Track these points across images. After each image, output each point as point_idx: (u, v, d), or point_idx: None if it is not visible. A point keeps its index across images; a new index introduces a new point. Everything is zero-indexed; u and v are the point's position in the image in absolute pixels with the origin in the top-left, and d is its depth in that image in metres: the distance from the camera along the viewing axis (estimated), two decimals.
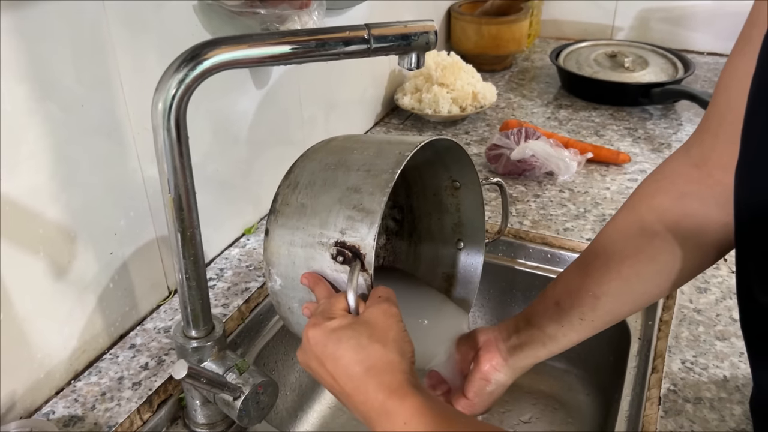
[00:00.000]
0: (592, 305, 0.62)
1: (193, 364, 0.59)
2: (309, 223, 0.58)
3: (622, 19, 1.77)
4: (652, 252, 0.59)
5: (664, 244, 0.59)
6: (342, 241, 0.56)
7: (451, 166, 0.70)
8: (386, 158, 0.58)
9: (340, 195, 0.57)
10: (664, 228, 0.59)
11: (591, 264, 0.63)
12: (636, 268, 0.60)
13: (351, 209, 0.56)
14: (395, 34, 0.56)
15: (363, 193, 0.56)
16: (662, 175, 0.61)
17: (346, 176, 0.58)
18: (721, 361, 0.73)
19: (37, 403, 0.68)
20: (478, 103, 1.33)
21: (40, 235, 0.65)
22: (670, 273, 0.60)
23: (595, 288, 0.61)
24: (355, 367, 0.49)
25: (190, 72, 0.51)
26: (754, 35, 0.50)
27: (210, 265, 0.91)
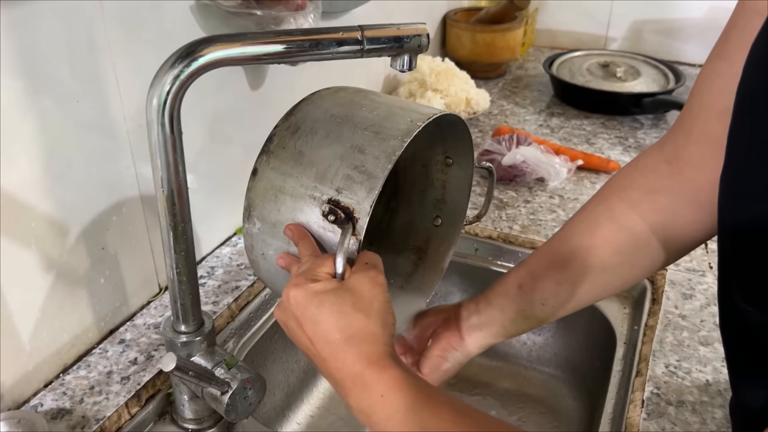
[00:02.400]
0: (554, 291, 0.62)
1: (182, 358, 0.60)
2: (304, 173, 0.56)
3: (615, 30, 1.79)
4: (618, 244, 0.60)
5: (630, 237, 0.59)
6: (336, 200, 0.54)
7: (449, 141, 0.68)
8: (396, 124, 0.56)
9: (342, 151, 0.55)
10: (633, 221, 0.59)
11: (557, 250, 0.63)
12: (600, 258, 0.61)
13: (352, 169, 0.54)
14: (388, 36, 0.57)
15: (367, 155, 0.54)
16: (635, 169, 0.62)
17: (352, 133, 0.56)
18: (704, 366, 0.74)
19: (25, 395, 0.68)
20: (471, 109, 1.35)
21: (32, 229, 0.66)
22: (633, 266, 0.61)
23: (558, 275, 0.62)
24: (336, 334, 0.48)
25: (185, 68, 0.52)
26: (732, 37, 0.52)
27: (201, 263, 0.91)
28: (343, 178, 0.54)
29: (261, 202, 0.59)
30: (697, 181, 0.55)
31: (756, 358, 0.48)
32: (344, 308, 0.49)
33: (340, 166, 0.55)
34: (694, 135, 0.56)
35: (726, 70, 0.52)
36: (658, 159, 0.60)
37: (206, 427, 0.70)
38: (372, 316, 0.49)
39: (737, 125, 0.46)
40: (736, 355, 0.52)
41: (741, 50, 0.46)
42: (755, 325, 0.45)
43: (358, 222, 0.53)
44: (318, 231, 0.55)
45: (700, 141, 0.55)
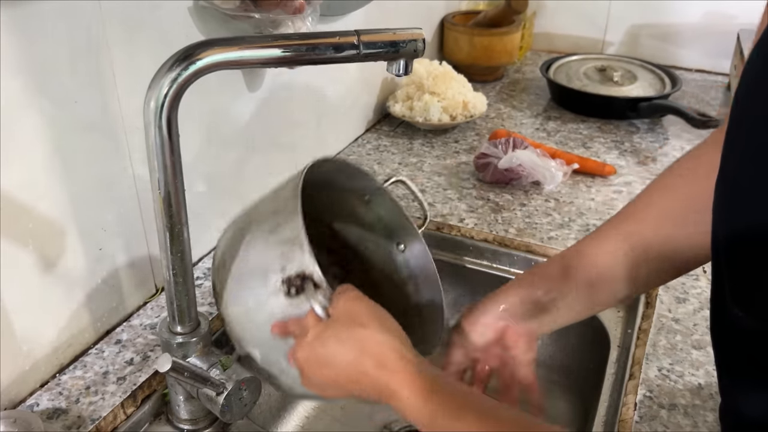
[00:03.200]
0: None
1: (177, 360, 0.60)
2: (253, 285, 0.60)
3: (612, 35, 1.80)
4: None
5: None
6: (287, 277, 0.57)
7: (352, 185, 0.72)
8: (284, 192, 0.61)
9: (263, 244, 0.60)
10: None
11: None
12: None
13: (278, 246, 0.58)
14: (384, 40, 0.58)
15: (281, 227, 0.58)
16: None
17: (259, 226, 0.61)
18: (697, 369, 0.74)
19: (21, 395, 0.69)
20: (468, 112, 1.35)
21: (29, 229, 0.66)
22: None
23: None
24: (349, 359, 0.49)
25: (182, 71, 0.52)
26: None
27: (198, 264, 0.92)
28: (278, 258, 0.58)
29: (244, 333, 0.63)
30: None
31: (748, 364, 0.48)
32: (342, 335, 0.50)
33: (269, 254, 0.59)
34: None
35: None
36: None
37: (202, 428, 0.70)
38: (370, 325, 0.50)
39: (733, 130, 0.46)
40: (727, 360, 0.52)
41: None
42: (747, 331, 0.45)
43: (314, 275, 0.56)
44: (294, 311, 0.58)
45: None
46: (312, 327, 0.53)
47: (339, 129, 1.26)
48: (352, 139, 1.32)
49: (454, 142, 1.33)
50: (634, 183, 1.16)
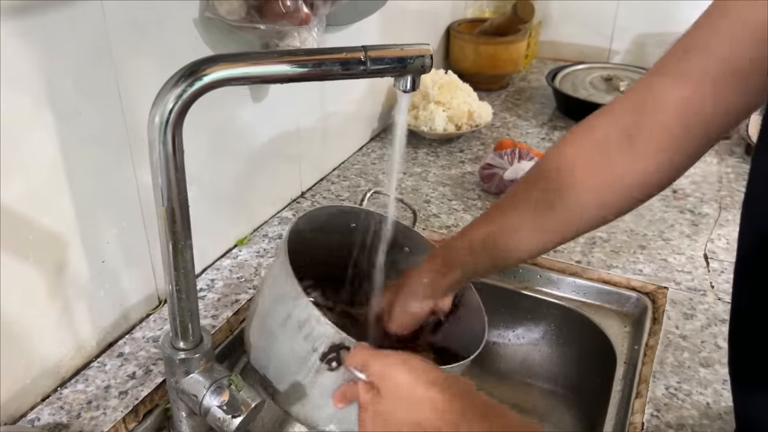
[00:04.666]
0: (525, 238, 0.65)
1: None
2: (297, 373, 0.61)
3: (618, 43, 1.79)
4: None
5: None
6: (321, 355, 0.58)
7: (337, 220, 0.75)
8: (278, 274, 0.62)
9: (285, 334, 0.60)
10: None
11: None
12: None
13: (299, 331, 0.59)
14: (392, 56, 0.57)
15: (293, 313, 0.59)
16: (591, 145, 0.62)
17: (274, 318, 0.62)
18: (705, 388, 0.74)
19: (22, 409, 0.68)
20: (473, 121, 1.35)
21: (30, 242, 0.65)
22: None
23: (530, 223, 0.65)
24: (406, 419, 0.52)
25: (188, 88, 0.52)
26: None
27: (201, 275, 0.91)
28: (304, 341, 0.59)
29: (312, 415, 0.63)
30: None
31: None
32: (391, 406, 0.53)
33: (296, 341, 0.59)
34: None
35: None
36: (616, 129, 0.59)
37: None
38: (411, 386, 0.52)
39: (762, 150, 0.46)
40: (742, 373, 0.52)
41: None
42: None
43: (344, 343, 0.57)
44: (344, 379, 0.59)
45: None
46: (362, 395, 0.55)
47: (344, 138, 1.26)
48: (357, 148, 1.31)
49: (459, 152, 1.32)
50: None
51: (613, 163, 0.59)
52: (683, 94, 0.53)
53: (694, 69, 0.53)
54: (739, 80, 0.50)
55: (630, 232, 1.03)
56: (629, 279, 0.93)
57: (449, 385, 0.51)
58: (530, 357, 0.99)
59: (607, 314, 0.92)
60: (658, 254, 0.98)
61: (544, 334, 0.98)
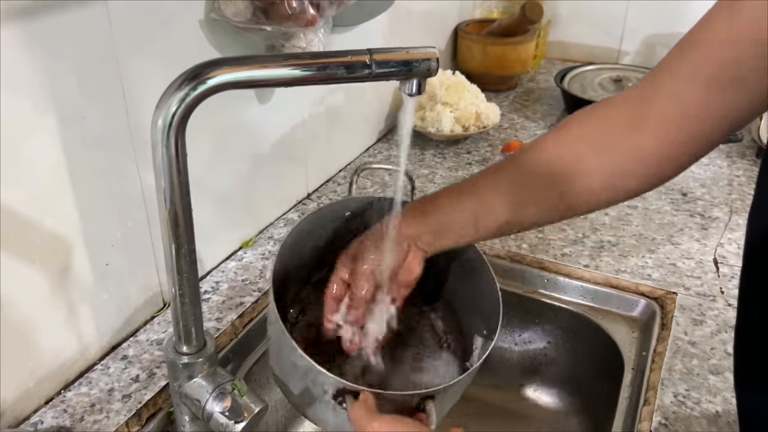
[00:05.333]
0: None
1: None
2: (317, 409, 0.62)
3: (628, 44, 1.78)
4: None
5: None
6: (332, 396, 0.58)
7: (333, 215, 0.73)
8: (272, 327, 0.63)
9: (297, 380, 0.61)
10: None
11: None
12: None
13: (306, 377, 0.59)
14: (397, 60, 0.56)
15: (296, 363, 0.59)
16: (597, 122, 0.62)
17: (283, 366, 0.63)
18: (714, 396, 0.73)
19: (25, 412, 0.68)
20: (481, 123, 1.34)
21: (36, 245, 0.65)
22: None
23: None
24: None
25: (191, 91, 0.51)
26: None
27: (206, 277, 0.91)
28: (314, 386, 0.59)
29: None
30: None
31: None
32: None
33: (308, 385, 0.60)
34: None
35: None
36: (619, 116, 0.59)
37: None
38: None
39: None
40: (746, 372, 0.51)
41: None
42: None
43: (347, 388, 0.57)
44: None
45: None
46: None
47: (350, 139, 1.25)
48: (364, 149, 1.31)
49: (467, 153, 1.31)
50: (649, 197, 1.14)
51: (617, 147, 0.59)
52: (681, 90, 0.54)
53: (692, 66, 0.53)
54: (738, 80, 0.50)
55: (639, 236, 1.02)
56: (638, 284, 0.92)
57: None
58: (537, 362, 0.99)
59: (615, 319, 0.91)
60: (667, 258, 0.97)
61: (551, 339, 0.97)
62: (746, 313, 0.51)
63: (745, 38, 0.49)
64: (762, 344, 0.47)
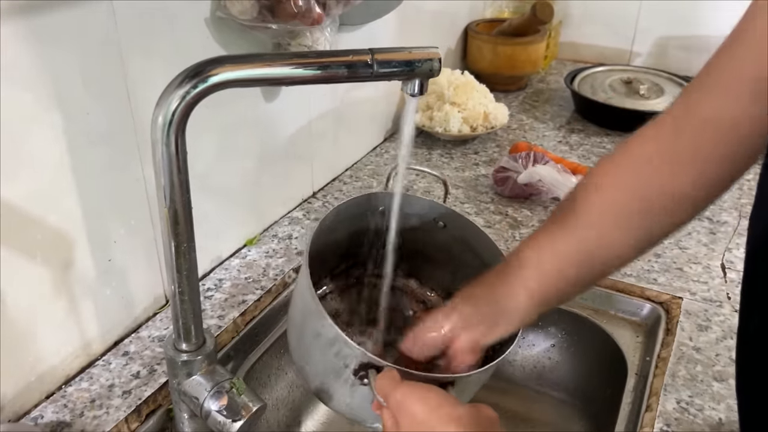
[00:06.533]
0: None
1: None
2: (336, 386, 0.60)
3: (640, 45, 1.76)
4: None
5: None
6: (353, 371, 0.57)
7: (359, 210, 0.72)
8: (302, 291, 0.61)
9: (318, 351, 0.60)
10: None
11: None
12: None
13: (329, 348, 0.58)
14: (399, 60, 0.56)
15: (320, 332, 0.58)
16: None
17: (305, 334, 0.61)
18: (718, 403, 0.72)
19: (26, 407, 0.68)
20: (489, 123, 1.33)
21: (38, 241, 0.65)
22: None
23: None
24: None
25: (192, 89, 0.51)
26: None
27: (209, 274, 0.91)
28: (336, 358, 0.58)
29: (360, 416, 0.62)
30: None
31: None
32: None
33: (328, 357, 0.58)
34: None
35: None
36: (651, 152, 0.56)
37: None
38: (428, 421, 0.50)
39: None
40: (746, 377, 0.51)
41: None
42: None
43: (372, 362, 0.56)
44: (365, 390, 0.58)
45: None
46: (386, 421, 0.53)
47: (357, 139, 1.25)
48: (371, 148, 1.30)
49: (474, 154, 1.31)
50: None
51: (651, 181, 0.56)
52: (714, 109, 0.50)
53: (725, 83, 0.50)
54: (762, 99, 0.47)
55: None
56: (643, 288, 0.91)
57: (469, 420, 0.49)
58: (541, 365, 0.98)
59: (620, 323, 0.90)
60: (674, 263, 0.96)
61: (555, 342, 0.96)
62: (747, 319, 0.50)
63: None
64: (761, 351, 0.47)
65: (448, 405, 0.50)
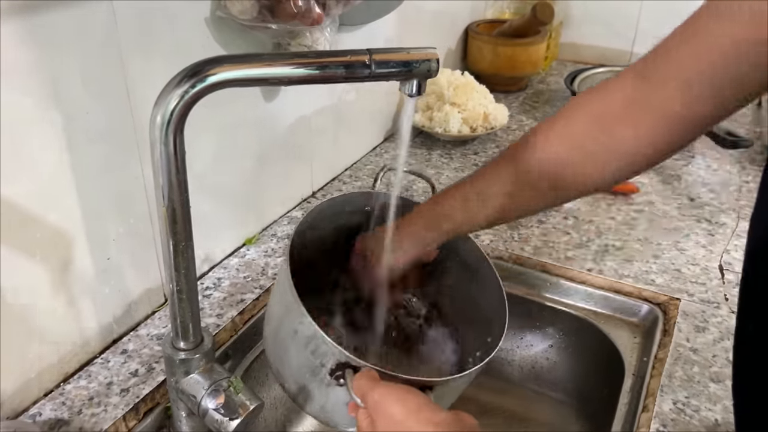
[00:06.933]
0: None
1: None
2: (312, 385, 0.60)
3: (640, 47, 1.76)
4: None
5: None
6: (330, 371, 0.57)
7: (353, 208, 0.74)
8: (282, 288, 0.61)
9: (295, 349, 0.60)
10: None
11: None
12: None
13: (307, 346, 0.58)
14: (397, 60, 0.56)
15: (299, 329, 0.58)
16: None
17: (283, 331, 0.61)
18: (714, 404, 0.72)
19: (24, 404, 0.68)
20: (488, 124, 1.33)
21: (37, 239, 0.66)
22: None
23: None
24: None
25: (190, 88, 0.51)
26: None
27: (208, 273, 0.91)
28: (312, 356, 0.58)
29: (334, 420, 0.63)
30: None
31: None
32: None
33: (305, 356, 0.59)
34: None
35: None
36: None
37: None
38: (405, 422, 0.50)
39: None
40: (743, 379, 0.51)
41: None
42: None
43: (350, 362, 0.56)
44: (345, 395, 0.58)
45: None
46: (361, 422, 0.54)
47: (357, 138, 1.25)
48: (370, 148, 1.31)
49: (474, 154, 1.31)
50: (656, 202, 1.13)
51: (612, 137, 0.58)
52: (690, 79, 0.52)
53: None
54: (713, 90, 0.49)
55: (644, 240, 1.02)
56: (641, 289, 0.91)
57: (448, 425, 0.49)
58: (538, 365, 0.98)
59: (617, 324, 0.91)
60: (672, 264, 0.96)
61: (553, 343, 0.96)
62: (745, 320, 0.50)
63: (710, 57, 0.48)
64: (756, 353, 0.47)
65: (428, 409, 0.50)
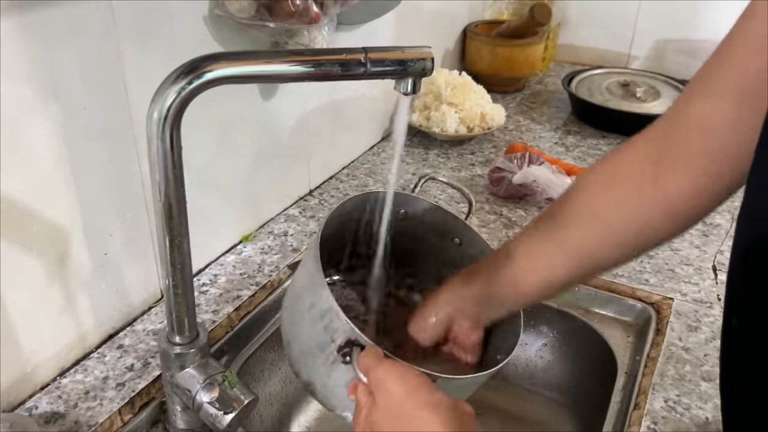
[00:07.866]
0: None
1: None
2: (317, 360, 0.60)
3: (638, 48, 1.77)
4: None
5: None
6: (338, 346, 0.57)
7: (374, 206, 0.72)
8: (308, 264, 0.61)
9: (309, 322, 0.60)
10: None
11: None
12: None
13: (320, 320, 0.58)
14: (392, 59, 0.57)
15: (316, 302, 0.59)
16: (617, 166, 0.61)
17: (301, 304, 0.61)
18: (705, 403, 0.72)
19: (21, 397, 0.69)
20: (485, 124, 1.34)
21: (34, 234, 0.66)
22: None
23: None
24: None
25: (187, 85, 0.52)
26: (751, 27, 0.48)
27: (205, 270, 0.91)
28: (324, 331, 0.58)
29: (332, 401, 0.63)
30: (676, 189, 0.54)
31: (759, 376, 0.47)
32: (385, 420, 0.51)
33: (317, 329, 0.59)
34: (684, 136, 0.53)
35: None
36: (642, 157, 0.57)
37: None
38: (405, 403, 0.50)
39: (765, 140, 0.44)
40: (736, 372, 0.51)
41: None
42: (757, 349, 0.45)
43: (359, 340, 0.57)
44: (352, 373, 0.58)
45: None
46: (361, 397, 0.54)
47: (354, 137, 1.26)
48: (368, 147, 1.31)
49: (470, 154, 1.31)
50: None
51: (642, 198, 0.57)
52: (703, 113, 0.51)
53: (713, 87, 0.50)
54: (758, 99, 0.46)
55: None
56: (634, 288, 0.91)
57: (444, 408, 0.49)
58: (532, 364, 0.99)
59: (611, 323, 0.91)
60: (666, 264, 0.97)
61: (547, 342, 0.97)
62: (728, 316, 0.50)
63: (758, 57, 0.46)
64: (740, 348, 0.47)
65: (427, 389, 0.50)
